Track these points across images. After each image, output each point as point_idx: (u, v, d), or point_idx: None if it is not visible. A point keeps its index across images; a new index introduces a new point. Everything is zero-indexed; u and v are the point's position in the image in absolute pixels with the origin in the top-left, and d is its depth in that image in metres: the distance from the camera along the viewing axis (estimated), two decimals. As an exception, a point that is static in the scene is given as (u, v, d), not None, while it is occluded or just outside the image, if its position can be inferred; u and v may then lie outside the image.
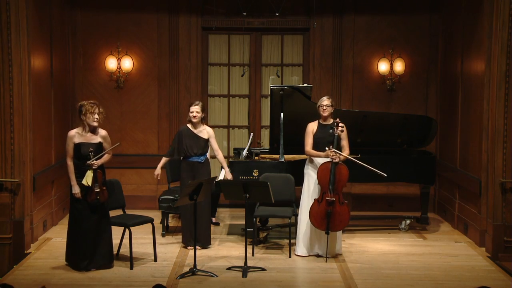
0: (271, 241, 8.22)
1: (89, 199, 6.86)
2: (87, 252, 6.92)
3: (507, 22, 7.65)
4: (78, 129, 7.02)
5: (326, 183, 7.35)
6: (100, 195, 6.91)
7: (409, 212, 9.42)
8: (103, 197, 6.94)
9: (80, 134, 6.97)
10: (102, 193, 6.93)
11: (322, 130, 7.56)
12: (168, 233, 8.55)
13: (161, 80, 10.08)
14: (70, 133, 7.00)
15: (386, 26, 10.08)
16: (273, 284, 6.67)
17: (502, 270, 7.23)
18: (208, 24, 10.05)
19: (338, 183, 7.35)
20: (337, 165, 7.34)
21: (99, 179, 6.90)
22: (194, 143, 7.77)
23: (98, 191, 6.88)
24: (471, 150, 8.54)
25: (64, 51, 9.60)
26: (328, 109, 7.56)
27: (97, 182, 6.88)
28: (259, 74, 10.35)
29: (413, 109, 10.00)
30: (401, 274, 7.04)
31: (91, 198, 6.86)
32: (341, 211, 7.36)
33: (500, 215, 7.79)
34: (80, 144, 6.92)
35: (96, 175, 6.87)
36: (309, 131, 7.63)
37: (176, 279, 6.77)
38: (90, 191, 6.86)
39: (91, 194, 6.86)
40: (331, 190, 7.32)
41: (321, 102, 7.60)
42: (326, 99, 7.61)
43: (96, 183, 6.87)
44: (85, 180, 6.83)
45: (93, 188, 6.85)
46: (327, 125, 7.55)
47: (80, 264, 6.94)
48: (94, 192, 6.86)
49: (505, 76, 7.70)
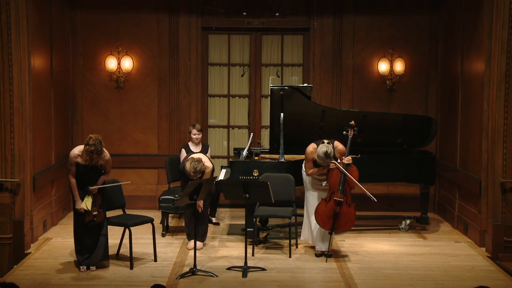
0: (271, 241, 8.22)
1: (86, 221, 6.98)
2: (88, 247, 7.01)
3: (507, 22, 7.65)
4: (80, 151, 6.96)
5: (336, 183, 7.36)
6: (97, 217, 7.02)
7: (409, 212, 9.41)
8: (99, 218, 7.05)
9: (82, 157, 6.95)
10: (99, 215, 7.04)
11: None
12: (168, 233, 8.56)
13: (161, 80, 10.08)
14: (72, 154, 7.01)
15: (386, 26, 10.08)
16: (273, 284, 6.67)
17: (502, 270, 7.23)
18: (208, 24, 10.05)
19: (349, 185, 7.38)
20: (349, 166, 7.36)
21: (97, 203, 7.02)
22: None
23: (96, 214, 6.99)
24: (471, 150, 8.54)
25: (64, 51, 9.60)
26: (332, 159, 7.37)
27: (95, 205, 7.00)
28: (259, 74, 10.35)
29: (413, 109, 9.99)
30: (401, 274, 7.04)
31: (88, 219, 6.98)
32: (348, 213, 7.39)
33: (500, 215, 7.79)
34: (81, 165, 6.95)
35: (95, 200, 6.99)
36: (309, 159, 7.46)
37: (176, 279, 6.78)
38: (87, 214, 6.96)
39: (88, 217, 6.98)
40: (340, 190, 7.34)
41: (324, 159, 7.29)
42: (330, 152, 7.27)
43: (94, 207, 6.99)
44: (84, 204, 6.96)
45: (91, 212, 6.96)
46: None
47: (80, 258, 7.03)
48: (92, 215, 6.98)
49: (505, 76, 7.70)
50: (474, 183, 8.26)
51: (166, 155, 9.84)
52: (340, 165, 7.34)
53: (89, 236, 7.03)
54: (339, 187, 7.34)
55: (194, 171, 7.34)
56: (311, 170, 7.50)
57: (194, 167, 7.34)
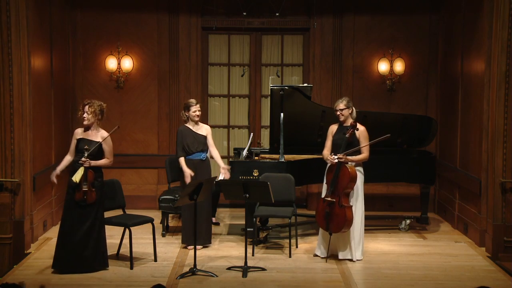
0: (271, 241, 8.22)
1: (76, 197, 6.80)
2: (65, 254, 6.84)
3: (507, 22, 7.65)
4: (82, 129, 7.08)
5: (329, 183, 7.33)
6: (88, 195, 6.80)
7: (409, 212, 9.42)
8: (90, 197, 6.82)
9: (82, 131, 7.02)
10: (90, 194, 6.81)
11: (339, 131, 7.46)
12: (168, 233, 8.56)
13: (161, 80, 10.09)
14: (76, 130, 7.11)
15: (386, 26, 10.08)
16: (273, 284, 6.67)
17: (502, 270, 7.23)
18: (208, 24, 10.05)
19: (339, 185, 7.27)
20: (341, 167, 7.27)
21: (89, 178, 6.79)
22: (195, 140, 7.81)
23: (86, 190, 6.79)
24: (471, 150, 8.54)
25: (64, 51, 9.60)
26: (344, 112, 7.39)
27: (86, 181, 6.79)
28: (259, 74, 10.36)
29: (413, 109, 10.00)
30: (401, 274, 7.04)
31: (78, 196, 6.80)
32: (339, 214, 7.22)
33: (500, 215, 7.79)
34: (79, 139, 6.96)
35: (86, 174, 6.79)
36: (329, 133, 7.55)
37: (176, 279, 6.78)
38: (77, 189, 6.80)
39: (78, 192, 6.80)
40: (331, 191, 7.29)
41: (335, 107, 7.43)
42: (340, 102, 7.40)
43: (85, 182, 6.78)
44: (74, 176, 6.76)
45: (81, 187, 6.79)
46: (344, 127, 7.44)
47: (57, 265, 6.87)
48: (82, 191, 6.79)
49: (505, 76, 7.70)
50: (474, 183, 8.26)
51: (166, 155, 9.84)
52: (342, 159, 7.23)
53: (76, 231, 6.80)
54: (330, 188, 7.31)
55: None
56: (325, 150, 7.48)
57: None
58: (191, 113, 7.84)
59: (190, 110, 7.85)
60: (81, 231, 6.83)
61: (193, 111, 7.84)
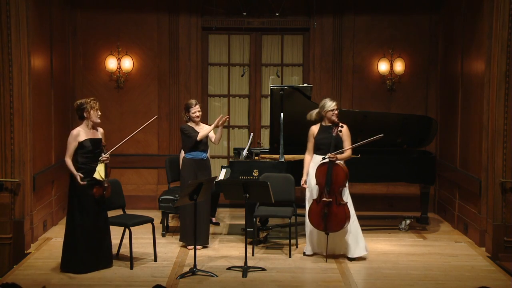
0: (271, 241, 8.22)
1: (96, 194, 6.80)
2: (89, 253, 6.88)
3: (507, 22, 7.65)
4: (81, 127, 6.93)
5: (322, 184, 7.33)
6: (107, 190, 6.91)
7: (409, 212, 9.42)
8: (108, 192, 6.94)
9: (85, 131, 6.92)
10: (108, 189, 6.93)
11: (323, 131, 7.51)
12: (168, 233, 8.55)
13: (161, 80, 10.09)
14: (74, 132, 6.87)
15: (386, 26, 10.08)
16: (273, 284, 6.67)
17: (502, 270, 7.23)
18: (208, 24, 10.05)
19: (334, 184, 7.29)
20: (333, 165, 7.30)
21: (109, 173, 6.91)
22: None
23: (107, 186, 6.89)
24: (471, 150, 8.54)
25: (64, 51, 9.60)
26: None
27: (107, 176, 6.88)
28: (259, 74, 10.36)
29: (413, 109, 10.00)
30: (401, 274, 7.04)
31: (98, 192, 6.80)
32: (338, 212, 7.28)
33: (500, 215, 7.79)
34: (88, 140, 6.85)
35: (107, 169, 6.86)
36: (310, 135, 7.58)
37: (176, 279, 6.77)
38: (99, 185, 6.82)
39: (99, 188, 6.81)
40: (327, 191, 7.30)
41: (333, 107, 7.43)
42: (335, 103, 7.44)
43: (107, 177, 6.87)
44: (98, 173, 6.77)
45: (103, 183, 6.84)
46: (328, 126, 7.50)
47: (81, 267, 6.87)
48: (103, 187, 6.84)
49: (505, 76, 7.70)
50: (474, 183, 8.26)
51: (166, 155, 9.84)
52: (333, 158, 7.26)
53: (89, 239, 6.84)
54: (325, 188, 7.31)
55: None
56: (306, 153, 7.53)
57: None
58: (191, 114, 7.83)
59: (190, 111, 7.83)
60: (100, 226, 6.93)
61: (193, 112, 7.82)
